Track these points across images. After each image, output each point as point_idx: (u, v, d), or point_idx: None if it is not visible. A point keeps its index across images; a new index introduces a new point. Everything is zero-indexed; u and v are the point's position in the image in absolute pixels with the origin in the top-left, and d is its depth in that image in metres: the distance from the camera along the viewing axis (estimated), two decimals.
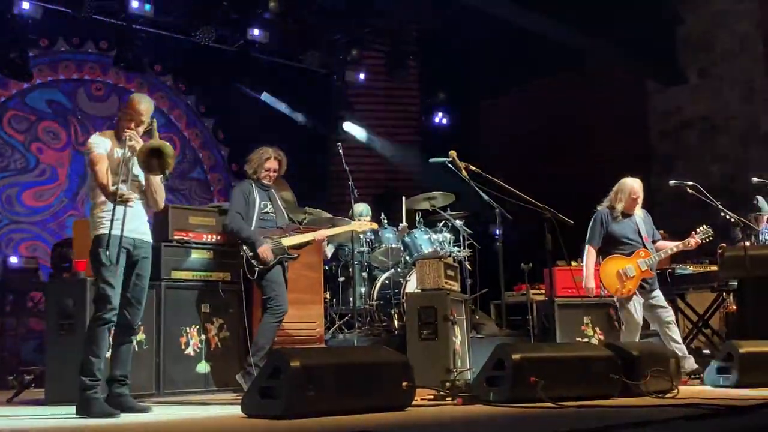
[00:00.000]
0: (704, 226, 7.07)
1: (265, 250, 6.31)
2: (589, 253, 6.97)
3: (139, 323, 5.32)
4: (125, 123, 5.12)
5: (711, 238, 7.12)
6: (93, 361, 4.87)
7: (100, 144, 5.10)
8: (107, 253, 4.89)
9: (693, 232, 7.07)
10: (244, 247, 6.32)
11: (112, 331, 5.08)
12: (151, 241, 5.31)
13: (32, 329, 9.31)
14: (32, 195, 10.35)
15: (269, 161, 6.59)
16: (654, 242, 7.10)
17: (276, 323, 6.32)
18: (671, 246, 7.06)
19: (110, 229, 4.86)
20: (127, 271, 5.07)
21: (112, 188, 4.95)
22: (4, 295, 9.06)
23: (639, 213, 7.06)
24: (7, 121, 10.30)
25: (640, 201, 7.02)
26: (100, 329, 4.91)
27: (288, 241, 6.51)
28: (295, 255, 6.58)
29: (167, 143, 5.05)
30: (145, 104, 5.18)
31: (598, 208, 7.08)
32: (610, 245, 6.96)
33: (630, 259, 6.86)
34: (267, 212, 6.56)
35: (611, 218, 6.98)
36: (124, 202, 4.93)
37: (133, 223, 5.07)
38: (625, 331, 6.92)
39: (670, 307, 7.05)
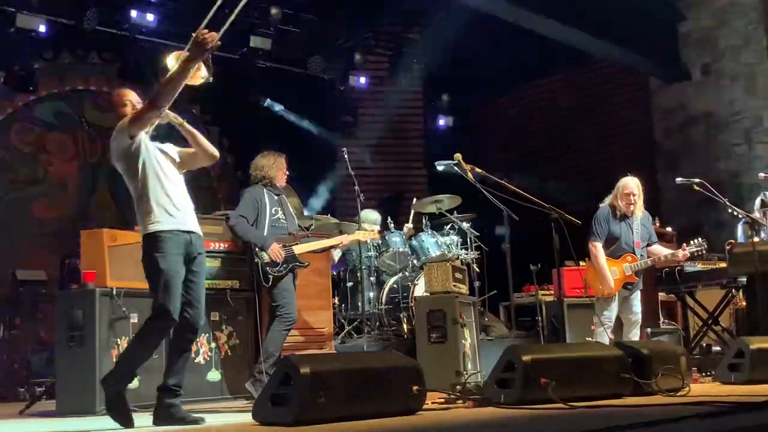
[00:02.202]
0: (699, 239, 7.10)
1: (275, 248, 6.30)
2: (598, 251, 6.86)
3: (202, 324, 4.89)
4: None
5: (704, 251, 7.14)
6: (132, 375, 4.71)
7: None
8: (166, 256, 4.57)
9: (684, 244, 7.09)
10: (261, 254, 6.29)
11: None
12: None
13: (43, 341, 9.33)
14: (42, 206, 10.37)
15: (283, 161, 6.64)
16: (650, 245, 7.08)
17: (285, 331, 6.32)
18: (661, 255, 7.02)
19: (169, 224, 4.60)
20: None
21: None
22: (15, 307, 9.08)
23: (638, 215, 7.00)
24: (14, 133, 10.33)
25: (636, 200, 6.92)
26: (153, 346, 4.71)
27: (299, 248, 6.51)
28: (306, 263, 6.57)
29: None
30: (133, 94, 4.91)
31: (600, 205, 7.07)
32: (603, 245, 6.95)
33: (616, 262, 6.86)
34: (278, 218, 6.54)
35: (611, 217, 6.96)
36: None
37: (188, 216, 4.76)
38: (597, 330, 6.93)
39: (640, 315, 7.03)
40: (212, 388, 6.56)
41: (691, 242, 7.10)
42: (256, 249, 6.33)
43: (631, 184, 6.96)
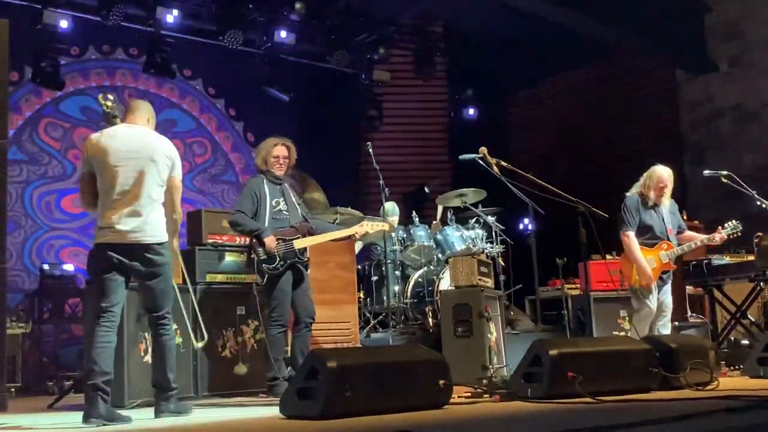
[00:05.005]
0: (733, 221, 6.94)
1: (272, 241, 6.03)
2: (632, 240, 6.73)
3: None
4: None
5: (739, 234, 7.00)
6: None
7: None
8: None
9: (720, 227, 6.96)
10: (257, 250, 6.08)
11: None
12: None
13: (74, 335, 9.41)
14: (71, 201, 10.45)
15: (277, 148, 6.29)
16: (680, 232, 6.99)
17: (280, 333, 6.12)
18: (696, 240, 6.90)
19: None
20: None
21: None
22: (43, 301, 9.18)
23: (666, 203, 6.94)
24: (42, 128, 10.43)
25: (668, 191, 6.85)
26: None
27: (300, 242, 6.22)
28: (307, 258, 6.29)
29: None
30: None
31: (627, 194, 6.97)
32: (636, 234, 6.86)
33: (652, 251, 6.76)
34: (280, 209, 6.23)
35: (641, 206, 6.87)
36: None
37: None
38: (635, 320, 6.86)
39: (671, 306, 6.91)
40: (238, 381, 6.59)
41: (726, 225, 6.94)
42: (254, 242, 6.10)
43: (665, 174, 6.85)
